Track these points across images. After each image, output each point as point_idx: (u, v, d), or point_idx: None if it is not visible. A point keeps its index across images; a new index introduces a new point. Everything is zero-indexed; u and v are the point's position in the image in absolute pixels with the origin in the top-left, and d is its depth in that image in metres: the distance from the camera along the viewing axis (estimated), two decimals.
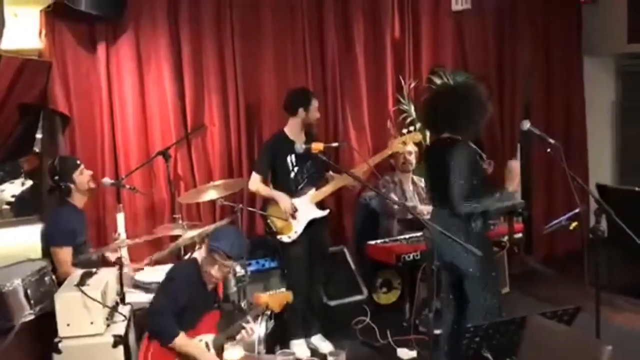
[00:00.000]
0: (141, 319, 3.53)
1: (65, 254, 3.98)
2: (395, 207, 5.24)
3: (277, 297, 3.47)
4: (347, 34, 5.86)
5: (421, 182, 5.55)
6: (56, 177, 4.13)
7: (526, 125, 3.68)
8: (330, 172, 4.81)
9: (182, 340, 3.13)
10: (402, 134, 5.90)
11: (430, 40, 6.20)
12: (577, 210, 3.76)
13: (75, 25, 4.92)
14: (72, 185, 4.14)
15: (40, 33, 4.80)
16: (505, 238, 5.06)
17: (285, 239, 4.74)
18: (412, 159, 5.38)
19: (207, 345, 3.11)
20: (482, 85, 4.05)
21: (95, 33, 4.99)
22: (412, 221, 5.07)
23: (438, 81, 6.04)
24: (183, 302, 3.14)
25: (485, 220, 3.85)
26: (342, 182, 4.76)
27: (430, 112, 4.00)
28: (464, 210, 3.67)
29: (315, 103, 4.79)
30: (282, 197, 4.71)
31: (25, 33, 4.74)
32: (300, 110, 4.76)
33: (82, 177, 4.21)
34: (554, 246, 6.85)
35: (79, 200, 4.20)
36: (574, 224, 3.82)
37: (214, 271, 3.35)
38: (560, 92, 6.78)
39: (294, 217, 4.69)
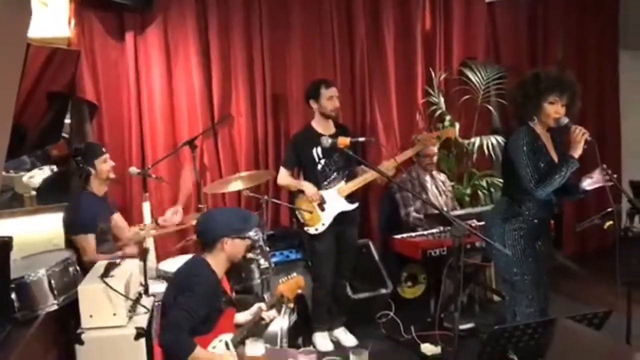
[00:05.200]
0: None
1: (88, 241, 4.00)
2: (413, 203, 5.22)
3: (289, 284, 3.41)
4: (376, 24, 5.79)
5: (440, 176, 5.49)
6: (78, 159, 4.15)
7: (564, 120, 3.58)
8: (362, 166, 4.77)
9: (198, 354, 2.98)
10: (431, 128, 5.86)
11: (461, 32, 6.12)
12: (610, 209, 3.66)
13: (104, 15, 4.94)
14: (91, 170, 4.15)
15: (69, 22, 4.81)
16: None
17: (312, 230, 4.73)
18: (435, 160, 5.35)
19: (226, 344, 3.08)
20: None
21: (123, 22, 5.01)
22: (438, 216, 5.00)
23: (469, 73, 5.97)
24: (201, 315, 3.05)
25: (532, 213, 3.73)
26: (372, 176, 4.71)
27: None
28: (540, 193, 3.58)
29: (326, 92, 4.73)
30: (307, 186, 4.71)
31: (55, 22, 4.75)
32: (312, 102, 4.79)
33: (104, 165, 4.22)
34: (584, 243, 6.74)
35: (97, 188, 4.22)
36: (609, 222, 3.73)
37: (243, 250, 3.33)
38: (594, 87, 6.64)
39: (321, 207, 4.67)
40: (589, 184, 3.63)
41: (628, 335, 3.45)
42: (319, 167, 4.74)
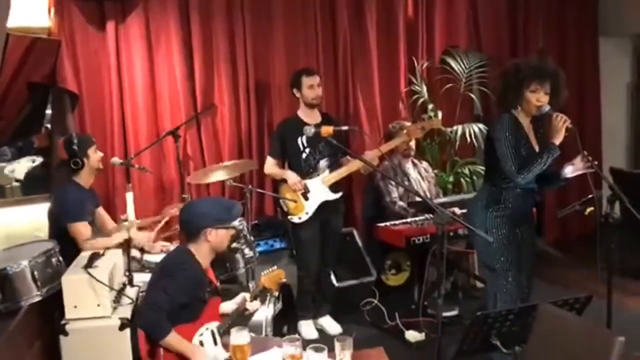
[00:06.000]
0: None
1: (84, 227, 3.98)
2: (395, 191, 5.24)
3: (270, 276, 3.41)
4: (359, 13, 5.78)
5: (422, 164, 5.51)
6: (74, 149, 4.09)
7: (546, 108, 3.61)
8: (347, 156, 4.77)
9: (172, 339, 2.96)
10: (414, 116, 5.87)
11: (443, 20, 6.12)
12: (591, 196, 3.70)
13: (84, 4, 4.90)
14: (85, 160, 4.12)
15: (49, 11, 4.77)
16: None
17: (296, 219, 4.73)
18: (413, 145, 5.33)
19: (212, 333, 3.08)
20: None
21: (104, 11, 4.97)
22: (422, 204, 5.02)
23: (451, 62, 5.98)
24: (181, 302, 3.02)
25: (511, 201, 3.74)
26: (356, 166, 4.71)
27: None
28: (521, 180, 3.60)
29: (306, 81, 4.71)
30: (290, 175, 4.70)
31: (35, 11, 4.71)
32: (295, 91, 4.77)
33: (96, 155, 4.20)
34: (566, 230, 6.80)
35: (85, 179, 4.18)
36: (590, 209, 3.76)
37: (227, 240, 3.30)
38: (575, 73, 6.65)
39: (305, 196, 4.68)
40: (570, 171, 3.66)
41: (609, 320, 3.49)
42: (304, 156, 4.74)
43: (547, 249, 6.59)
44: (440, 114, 5.83)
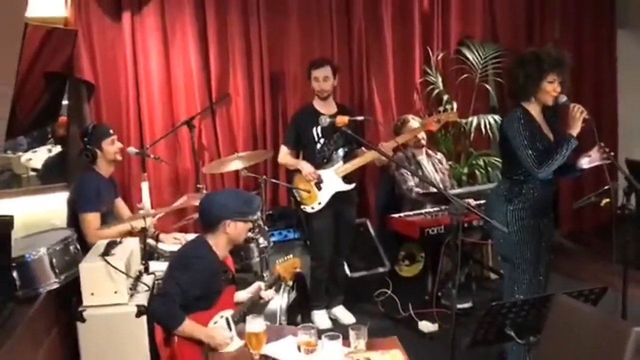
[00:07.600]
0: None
1: (92, 219, 3.99)
2: (412, 179, 5.22)
3: (285, 265, 3.43)
4: (374, 2, 5.75)
5: (436, 155, 5.49)
6: (85, 140, 4.14)
7: (563, 98, 3.58)
8: (362, 148, 4.78)
9: (186, 327, 2.99)
10: (430, 107, 5.85)
11: (459, 11, 6.08)
12: (607, 187, 3.68)
13: None
14: (97, 152, 4.15)
15: (66, 1, 4.79)
16: None
17: (308, 209, 4.75)
18: (424, 135, 5.30)
19: (227, 320, 3.10)
20: None
21: (120, 2, 4.99)
22: (436, 195, 5.01)
23: (467, 52, 5.96)
24: (195, 294, 3.05)
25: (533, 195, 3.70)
26: (370, 157, 4.72)
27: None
28: (542, 174, 3.58)
29: (313, 73, 4.72)
30: (304, 165, 4.72)
31: (52, 1, 4.73)
32: (309, 82, 4.78)
33: (111, 147, 4.20)
34: (581, 221, 6.76)
35: (104, 169, 4.21)
36: (606, 200, 3.74)
37: (245, 233, 3.33)
38: (592, 65, 6.61)
39: (318, 186, 4.69)
40: (586, 162, 3.63)
41: (624, 311, 3.49)
42: (318, 146, 4.75)
43: (562, 241, 6.55)
44: (455, 105, 5.81)
